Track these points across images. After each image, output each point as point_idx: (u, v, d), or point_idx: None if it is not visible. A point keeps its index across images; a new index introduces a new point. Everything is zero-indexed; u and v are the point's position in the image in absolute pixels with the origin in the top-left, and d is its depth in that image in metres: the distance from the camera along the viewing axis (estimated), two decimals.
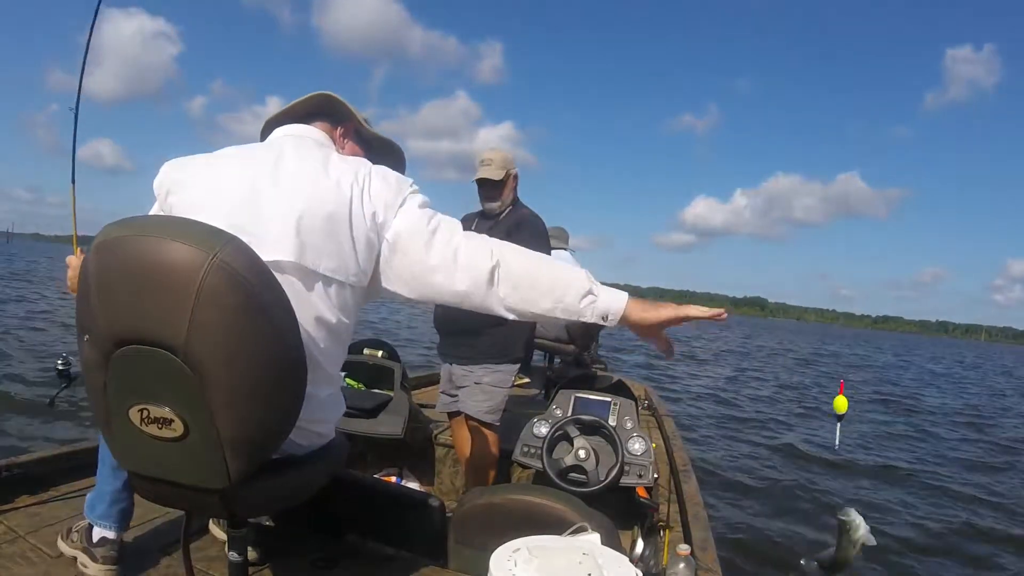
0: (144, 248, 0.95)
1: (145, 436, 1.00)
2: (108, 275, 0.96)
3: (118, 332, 0.97)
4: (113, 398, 1.01)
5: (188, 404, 0.97)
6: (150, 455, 1.03)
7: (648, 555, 1.71)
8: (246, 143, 1.34)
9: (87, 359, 1.02)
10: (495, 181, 2.42)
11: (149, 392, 0.98)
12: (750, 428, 7.36)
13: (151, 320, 0.95)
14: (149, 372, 0.97)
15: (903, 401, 11.73)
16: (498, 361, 2.38)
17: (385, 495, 1.77)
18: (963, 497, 5.10)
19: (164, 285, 0.94)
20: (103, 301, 0.97)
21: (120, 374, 0.99)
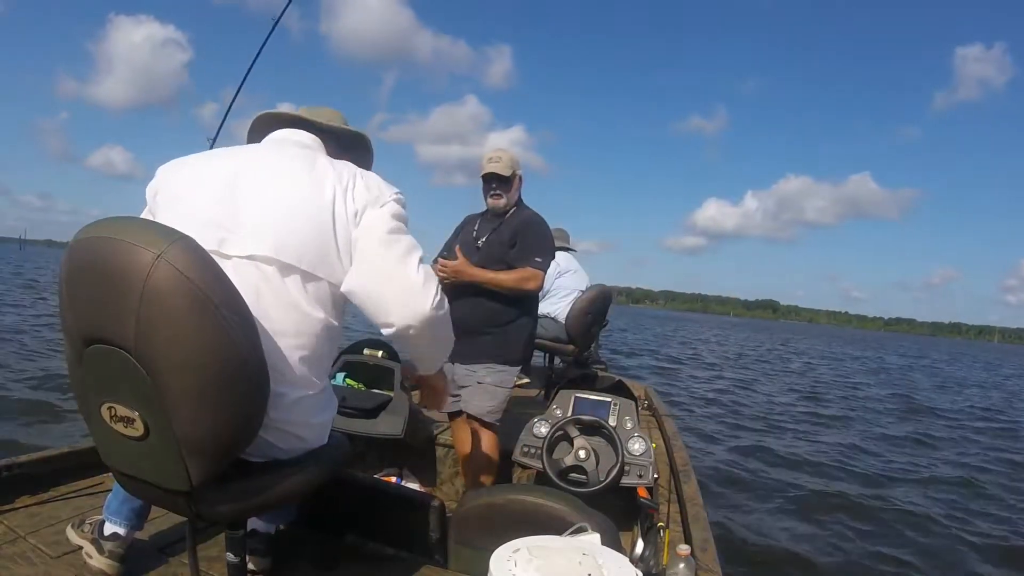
0: (100, 249, 0.97)
1: (115, 433, 1.03)
2: (72, 275, 1.00)
3: (83, 331, 1.01)
4: (88, 395, 1.05)
5: (146, 404, 0.98)
6: (121, 452, 1.07)
7: (648, 555, 1.70)
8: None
9: (67, 355, 1.07)
10: (504, 176, 2.44)
11: (114, 391, 1.01)
12: (751, 428, 7.36)
13: (107, 320, 0.97)
14: (113, 371, 0.99)
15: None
16: (500, 361, 2.39)
17: (385, 495, 1.77)
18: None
19: (115, 285, 0.95)
20: (70, 300, 1.02)
21: (91, 371, 1.03)
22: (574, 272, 4.27)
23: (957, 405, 12.12)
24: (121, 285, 0.94)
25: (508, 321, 2.40)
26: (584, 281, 4.29)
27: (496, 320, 2.38)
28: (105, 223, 1.01)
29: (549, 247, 2.45)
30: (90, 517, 1.45)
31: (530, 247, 2.38)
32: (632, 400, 2.44)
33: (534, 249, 2.38)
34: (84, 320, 1.00)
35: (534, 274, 2.35)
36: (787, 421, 8.18)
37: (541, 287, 2.43)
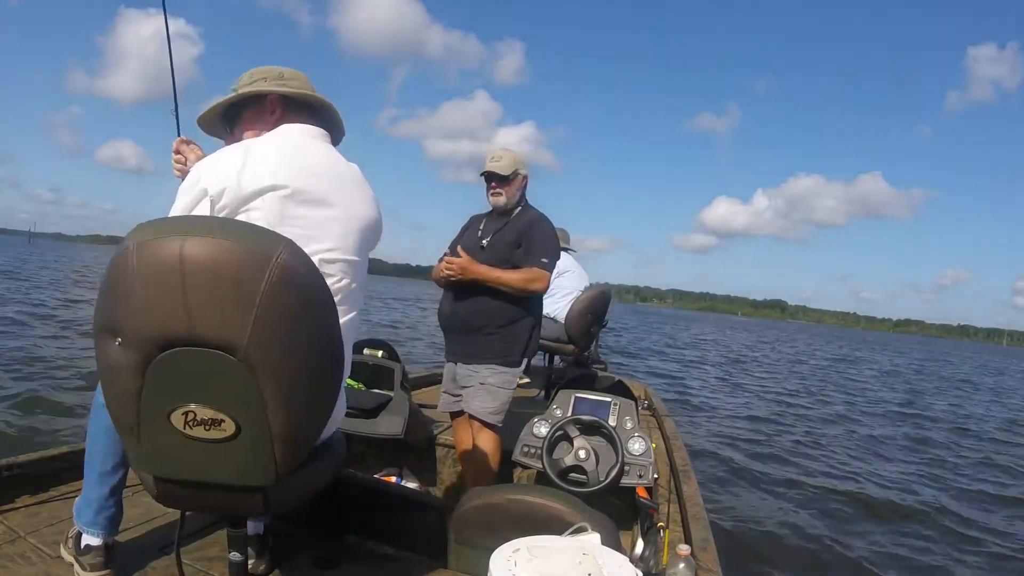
0: (205, 250, 0.95)
1: (186, 439, 0.99)
2: (160, 277, 0.95)
3: (167, 334, 0.96)
4: (150, 402, 0.99)
5: (242, 403, 0.99)
6: (189, 458, 1.02)
7: (648, 555, 1.71)
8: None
9: (117, 363, 0.99)
10: (502, 175, 2.44)
11: (197, 393, 0.98)
12: (753, 429, 7.36)
13: (210, 321, 0.96)
14: (199, 373, 0.98)
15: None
16: (503, 362, 2.39)
17: (385, 495, 1.77)
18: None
19: (227, 287, 0.95)
20: (151, 303, 0.95)
21: (162, 377, 0.98)
22: (573, 272, 4.27)
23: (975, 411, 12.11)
24: (237, 287, 0.96)
25: (512, 321, 2.39)
26: (584, 281, 4.29)
27: (500, 320, 2.38)
28: (200, 223, 1.02)
29: (555, 248, 2.45)
30: (71, 530, 1.45)
31: (536, 248, 2.38)
32: (632, 400, 2.44)
33: (540, 250, 2.38)
34: (172, 323, 0.96)
35: (540, 275, 2.35)
36: (789, 422, 8.18)
37: (547, 288, 2.43)
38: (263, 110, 1.39)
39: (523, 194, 2.53)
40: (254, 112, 1.40)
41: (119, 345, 0.97)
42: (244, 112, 1.41)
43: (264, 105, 1.39)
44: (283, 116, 1.38)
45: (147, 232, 0.96)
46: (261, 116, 1.39)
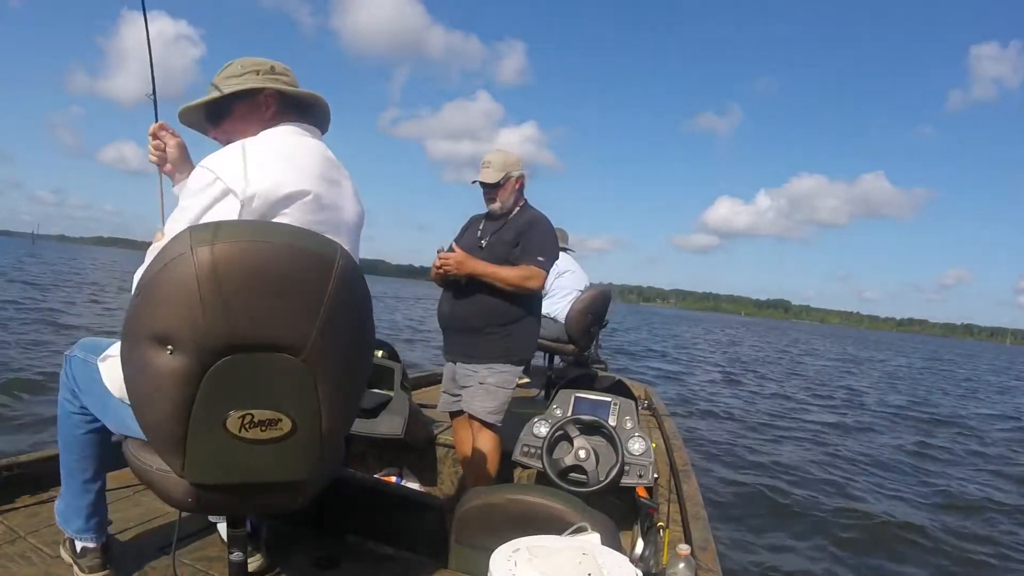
0: (275, 256, 0.98)
1: (240, 442, 1.00)
2: (228, 283, 0.95)
3: (231, 340, 0.96)
4: (204, 410, 0.98)
5: (299, 401, 1.03)
6: (240, 461, 1.03)
7: (648, 555, 1.71)
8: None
9: (167, 372, 0.96)
10: (490, 184, 2.44)
11: (255, 396, 1.00)
12: (754, 429, 7.36)
13: (277, 325, 0.99)
14: (259, 376, 1.00)
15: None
16: (503, 361, 2.38)
17: (385, 495, 1.77)
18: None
19: (295, 291, 0.99)
20: (218, 310, 0.95)
21: (220, 383, 0.98)
22: (573, 272, 4.27)
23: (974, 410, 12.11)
24: (305, 291, 1.00)
25: (511, 321, 2.39)
26: (583, 281, 4.29)
27: (499, 320, 2.37)
28: (261, 229, 1.05)
29: (552, 247, 2.45)
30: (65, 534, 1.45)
31: (533, 246, 2.37)
32: (632, 400, 2.44)
33: (537, 248, 2.37)
34: (239, 329, 0.96)
35: (537, 273, 2.34)
36: (790, 422, 8.18)
37: (543, 287, 2.42)
38: (256, 106, 1.33)
39: (520, 194, 2.52)
40: (247, 107, 1.33)
41: (171, 354, 0.96)
42: (235, 107, 1.33)
43: (257, 101, 1.33)
44: (277, 113, 1.34)
45: (206, 236, 0.95)
46: (254, 112, 1.33)
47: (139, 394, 1.03)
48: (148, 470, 1.10)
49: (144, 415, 1.02)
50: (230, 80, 1.32)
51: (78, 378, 1.31)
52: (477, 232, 2.50)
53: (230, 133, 1.33)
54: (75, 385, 1.32)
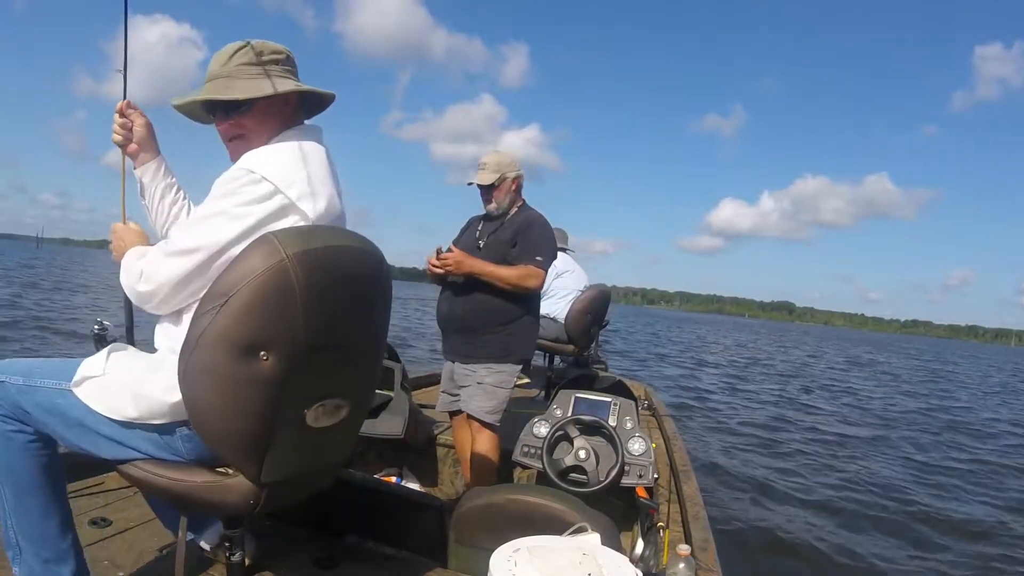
0: (355, 258, 1.10)
1: (312, 432, 1.09)
2: (323, 287, 1.02)
3: (322, 340, 1.04)
4: (289, 408, 1.04)
5: (355, 387, 1.16)
6: (309, 450, 1.14)
7: (648, 555, 1.71)
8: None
9: (263, 378, 0.99)
10: (485, 186, 2.44)
11: (329, 388, 1.09)
12: (755, 429, 7.36)
13: (355, 321, 1.11)
14: (334, 370, 1.09)
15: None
16: (501, 361, 2.38)
17: (385, 495, 1.77)
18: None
19: (374, 289, 1.14)
20: (315, 314, 1.01)
21: (307, 380, 1.04)
22: (573, 272, 4.27)
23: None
24: (375, 288, 1.15)
25: (510, 321, 2.39)
26: (583, 281, 4.29)
27: (498, 320, 2.37)
28: (340, 233, 1.12)
29: (550, 247, 2.44)
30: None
31: (531, 246, 2.37)
32: (632, 400, 2.44)
33: (535, 248, 2.37)
34: (329, 328, 1.05)
35: (535, 272, 2.34)
36: (791, 422, 8.18)
37: (541, 286, 2.42)
38: (281, 102, 1.23)
39: (517, 195, 2.52)
40: (269, 103, 1.21)
41: (265, 360, 0.99)
42: (258, 100, 1.20)
43: (281, 96, 1.22)
44: (297, 110, 1.27)
45: (298, 244, 1.00)
46: (276, 107, 1.22)
47: (215, 405, 1.01)
48: (192, 484, 1.09)
49: (219, 425, 1.03)
50: (247, 69, 1.20)
51: (25, 405, 1.14)
52: (475, 233, 2.51)
53: (243, 128, 1.21)
54: (22, 413, 1.14)
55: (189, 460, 1.12)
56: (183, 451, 1.12)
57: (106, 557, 1.48)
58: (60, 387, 1.13)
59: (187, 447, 1.11)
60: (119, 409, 1.09)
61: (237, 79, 1.19)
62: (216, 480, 1.08)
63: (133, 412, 1.09)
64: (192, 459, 1.12)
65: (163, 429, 1.11)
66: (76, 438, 1.15)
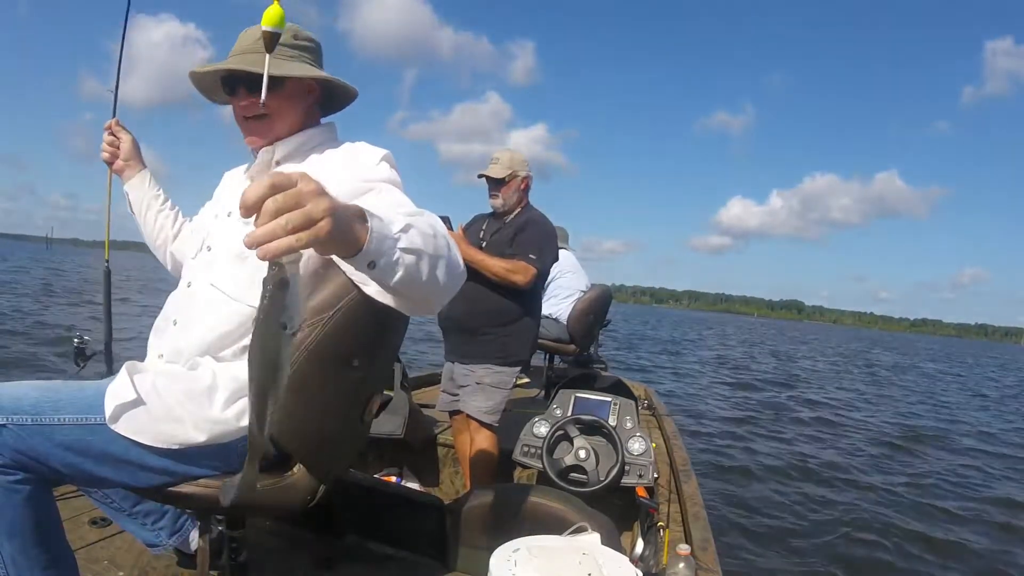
0: None
1: (363, 424, 1.18)
2: None
3: (398, 341, 1.19)
4: (357, 405, 1.14)
5: (386, 381, 1.32)
6: (355, 443, 1.23)
7: (648, 555, 1.70)
8: None
9: (353, 382, 1.08)
10: (496, 179, 2.45)
11: (380, 384, 1.29)
12: (755, 430, 7.36)
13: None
14: (386, 367, 1.24)
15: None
16: (500, 362, 2.39)
17: (385, 495, 1.77)
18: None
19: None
20: (401, 318, 1.12)
21: (373, 379, 1.15)
22: (574, 273, 4.27)
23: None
24: None
25: (510, 321, 2.39)
26: (584, 281, 4.29)
27: (497, 320, 2.38)
28: None
29: (549, 246, 2.44)
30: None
31: (526, 243, 2.38)
32: (632, 400, 2.44)
33: (529, 245, 2.37)
34: (403, 335, 1.21)
35: (524, 268, 2.33)
36: (790, 423, 8.18)
37: (531, 284, 2.37)
38: (304, 88, 1.19)
39: (524, 195, 2.53)
40: (298, 86, 1.17)
41: (355, 366, 1.04)
42: (289, 82, 1.15)
43: (307, 82, 1.19)
44: (318, 100, 1.23)
45: None
46: (300, 93, 1.18)
47: (306, 411, 1.03)
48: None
49: (305, 428, 1.06)
50: (281, 49, 1.11)
51: (37, 449, 0.96)
52: (479, 231, 2.52)
53: (266, 108, 1.12)
54: (29, 459, 0.96)
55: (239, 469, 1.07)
56: (236, 463, 1.03)
57: (106, 557, 1.48)
58: (89, 422, 0.99)
59: (240, 458, 1.01)
60: (178, 438, 1.01)
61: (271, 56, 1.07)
62: (276, 481, 1.09)
63: (201, 438, 1.01)
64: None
65: (224, 448, 1.05)
66: (111, 473, 1.02)
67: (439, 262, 0.78)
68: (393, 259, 0.70)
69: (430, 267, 0.77)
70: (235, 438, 1.04)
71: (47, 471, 0.98)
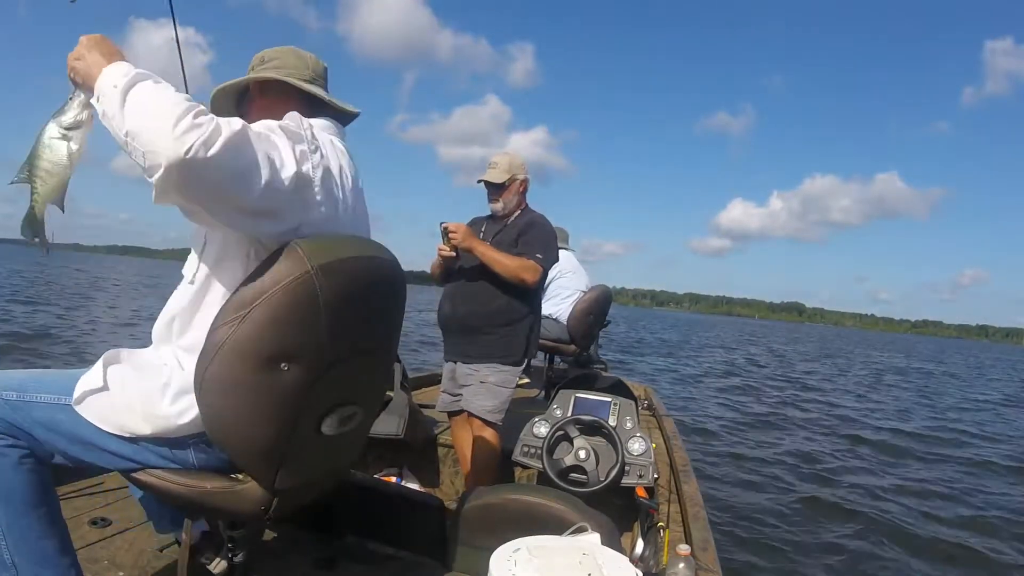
0: (377, 266, 1.09)
1: (327, 440, 1.07)
2: (349, 299, 1.02)
3: (344, 350, 1.03)
4: (307, 417, 1.03)
5: (367, 392, 1.17)
6: (320, 458, 1.13)
7: (648, 555, 1.71)
8: None
9: (283, 388, 0.98)
10: (496, 184, 2.48)
11: (345, 395, 1.09)
12: (755, 430, 7.36)
13: (377, 331, 1.12)
14: (351, 378, 1.09)
15: None
16: (504, 361, 2.40)
17: (385, 495, 1.77)
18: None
19: (392, 296, 1.14)
20: (338, 325, 1.00)
21: (325, 390, 1.03)
22: (574, 273, 4.27)
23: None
24: (394, 295, 1.14)
25: (513, 321, 2.40)
26: (584, 281, 4.29)
27: (500, 320, 2.39)
28: (360, 242, 1.09)
29: (552, 248, 2.46)
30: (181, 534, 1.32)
31: (532, 243, 2.40)
32: (632, 400, 2.44)
33: (536, 246, 2.40)
34: (352, 338, 1.05)
35: (534, 266, 2.35)
36: (791, 423, 8.18)
37: (538, 283, 2.41)
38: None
39: (522, 197, 2.56)
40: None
41: (287, 370, 0.97)
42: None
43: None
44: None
45: (323, 255, 0.98)
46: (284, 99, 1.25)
47: (234, 416, 1.00)
48: (198, 490, 1.07)
49: (237, 435, 1.02)
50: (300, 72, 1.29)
51: (20, 423, 1.07)
52: (480, 234, 2.53)
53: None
54: (16, 430, 1.08)
55: (199, 468, 1.10)
56: (194, 461, 1.09)
57: (106, 557, 1.48)
58: (60, 402, 1.08)
59: (199, 457, 1.09)
60: (129, 427, 1.06)
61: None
62: (228, 486, 1.06)
63: (147, 430, 1.06)
64: (202, 467, 1.10)
65: (175, 443, 1.08)
66: (80, 453, 1.10)
67: (153, 111, 0.84)
68: (109, 96, 0.88)
69: (138, 111, 0.85)
70: (178, 435, 1.07)
71: (34, 444, 1.09)
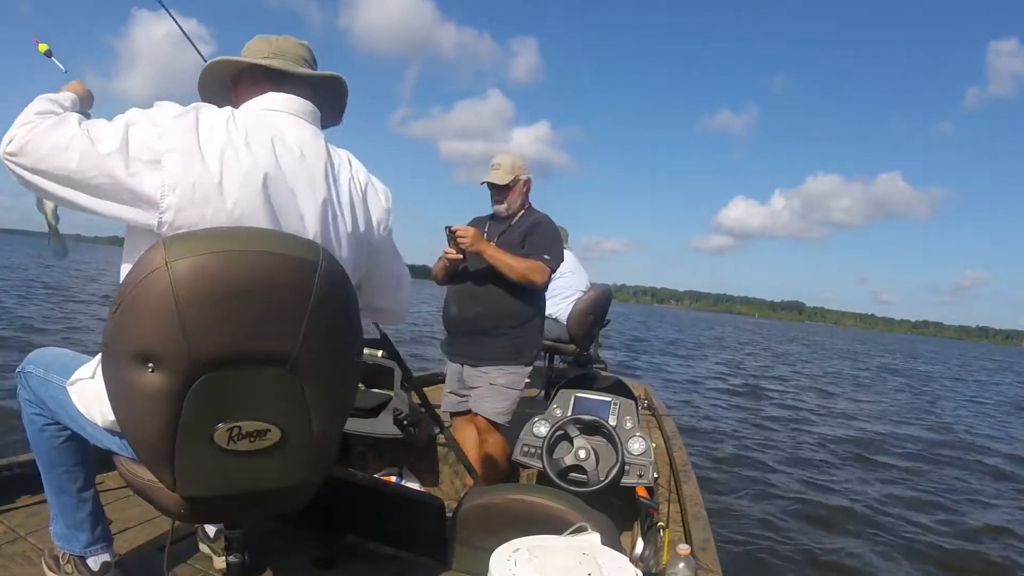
0: (256, 263, 0.94)
1: (230, 454, 0.98)
2: (208, 298, 0.91)
3: (214, 355, 0.93)
4: (190, 426, 0.95)
5: (288, 410, 1.01)
6: (232, 472, 1.01)
7: (648, 555, 1.70)
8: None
9: (149, 391, 0.92)
10: (500, 186, 2.47)
11: (241, 408, 0.97)
12: (755, 430, 7.36)
13: (262, 336, 0.96)
14: (245, 388, 0.97)
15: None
16: (513, 363, 2.40)
17: (385, 495, 1.77)
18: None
19: (280, 299, 0.96)
20: (198, 326, 0.91)
21: (206, 399, 0.94)
22: (575, 273, 4.27)
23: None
24: (288, 299, 0.96)
25: (522, 323, 2.41)
26: (584, 281, 4.29)
27: (510, 321, 2.39)
28: (239, 236, 0.97)
29: (557, 248, 2.47)
30: (62, 554, 1.33)
31: (540, 244, 2.40)
32: (632, 400, 2.44)
33: (543, 247, 2.40)
34: (223, 343, 0.93)
35: (542, 267, 2.36)
36: (792, 423, 8.17)
37: (545, 284, 2.43)
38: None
39: (526, 197, 2.55)
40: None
41: (152, 372, 0.91)
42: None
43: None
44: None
45: (182, 249, 0.90)
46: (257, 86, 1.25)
47: (124, 412, 0.99)
48: (140, 482, 1.07)
49: (131, 433, 0.99)
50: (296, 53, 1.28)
51: (42, 396, 1.22)
52: (483, 234, 2.52)
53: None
54: (41, 402, 1.23)
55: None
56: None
57: None
58: (62, 384, 1.17)
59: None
60: (94, 415, 1.12)
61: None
62: (154, 482, 1.03)
63: (96, 417, 1.11)
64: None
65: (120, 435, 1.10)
66: (78, 430, 1.21)
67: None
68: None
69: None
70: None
71: (52, 415, 1.22)
